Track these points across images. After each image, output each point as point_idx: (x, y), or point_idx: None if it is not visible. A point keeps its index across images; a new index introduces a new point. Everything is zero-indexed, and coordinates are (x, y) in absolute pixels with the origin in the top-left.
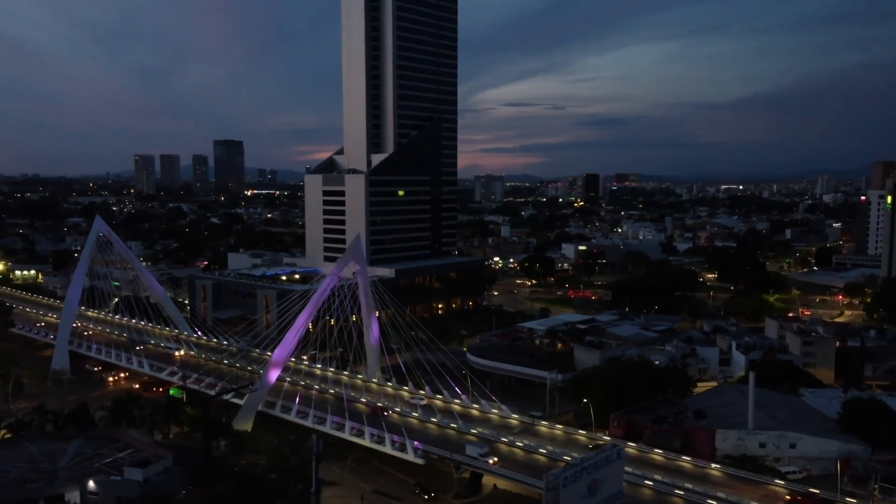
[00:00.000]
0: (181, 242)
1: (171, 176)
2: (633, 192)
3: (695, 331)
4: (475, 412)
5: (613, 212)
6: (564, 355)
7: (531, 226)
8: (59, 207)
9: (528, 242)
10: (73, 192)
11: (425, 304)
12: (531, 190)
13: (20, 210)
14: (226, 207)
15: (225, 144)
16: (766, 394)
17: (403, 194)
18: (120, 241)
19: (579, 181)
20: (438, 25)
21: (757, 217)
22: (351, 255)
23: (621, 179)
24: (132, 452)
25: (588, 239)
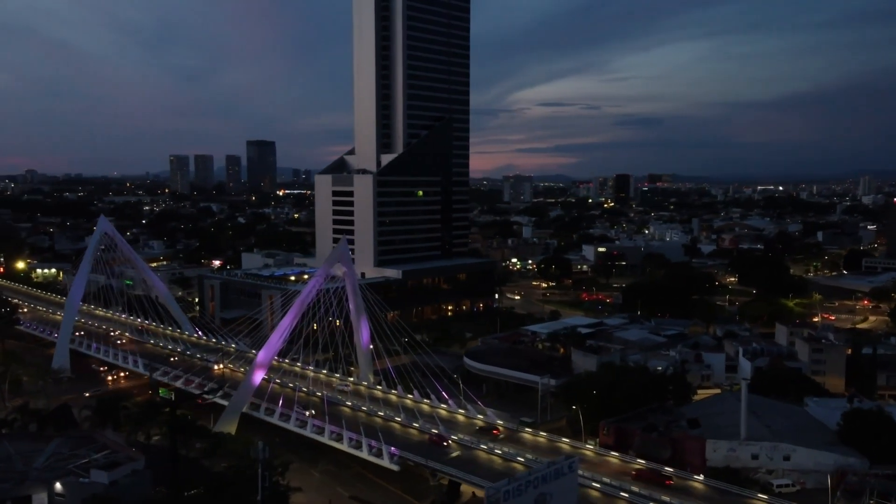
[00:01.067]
0: (203, 242)
1: (205, 176)
2: (665, 193)
3: (706, 336)
4: (460, 417)
5: (643, 213)
6: (564, 360)
7: (556, 227)
8: (91, 207)
9: (548, 244)
10: (109, 191)
11: (434, 305)
12: (563, 190)
13: (55, 209)
14: (255, 207)
15: (257, 145)
16: (766, 403)
17: (423, 195)
18: (124, 241)
19: (610, 182)
20: (450, 24)
21: (791, 219)
22: (336, 256)
23: (653, 180)
24: (108, 454)
25: (612, 240)
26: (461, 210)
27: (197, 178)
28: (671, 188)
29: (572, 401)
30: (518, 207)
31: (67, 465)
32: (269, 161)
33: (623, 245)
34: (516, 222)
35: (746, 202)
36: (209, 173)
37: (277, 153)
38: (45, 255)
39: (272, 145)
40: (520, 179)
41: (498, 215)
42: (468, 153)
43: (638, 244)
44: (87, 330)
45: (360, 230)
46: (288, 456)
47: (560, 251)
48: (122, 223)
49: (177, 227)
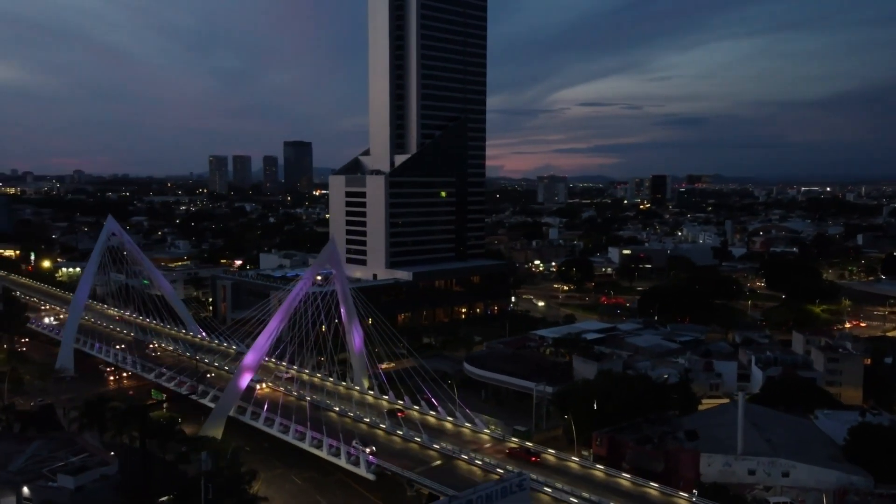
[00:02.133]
0: (228, 241)
1: (242, 176)
2: (704, 194)
3: (723, 343)
4: (448, 425)
5: (679, 214)
6: (567, 366)
7: (586, 228)
8: (130, 207)
9: (574, 245)
10: (150, 191)
11: (446, 308)
12: (600, 191)
13: (95, 209)
14: (290, 207)
15: (294, 145)
16: (770, 415)
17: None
18: (131, 241)
19: (646, 183)
20: (465, 24)
21: (833, 221)
22: (326, 258)
23: (693, 181)
24: (85, 457)
25: (641, 243)
26: (477, 211)
27: (235, 178)
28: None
29: (567, 409)
30: (551, 208)
31: (42, 467)
32: (305, 161)
33: (649, 247)
34: (547, 223)
35: (789, 204)
36: (247, 174)
37: (314, 154)
38: (73, 253)
39: (309, 146)
40: (554, 180)
41: (530, 216)
42: (484, 153)
43: (666, 246)
44: (94, 329)
45: (373, 231)
46: (272, 462)
47: (586, 253)
48: (155, 222)
49: (207, 226)
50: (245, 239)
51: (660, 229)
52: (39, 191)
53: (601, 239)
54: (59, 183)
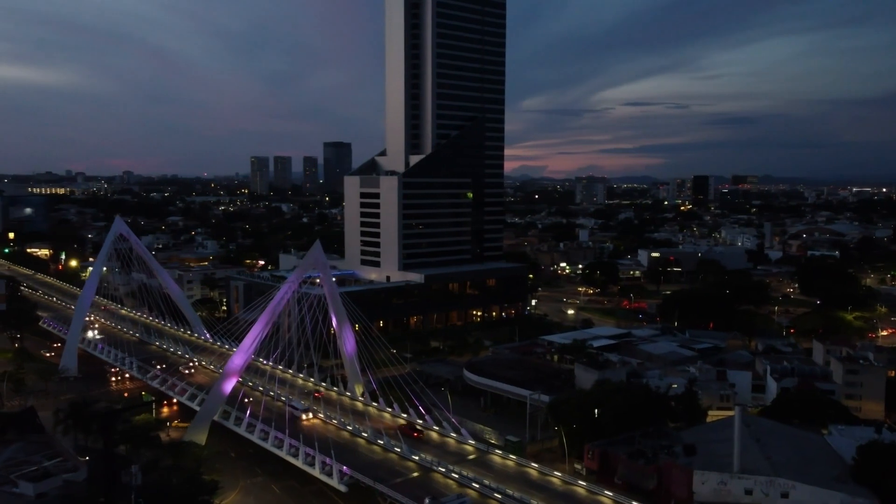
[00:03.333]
0: (256, 241)
1: (283, 177)
2: (748, 196)
3: (743, 351)
4: (434, 435)
5: (720, 216)
6: (570, 374)
7: (620, 230)
8: (170, 207)
9: (602, 247)
10: (193, 192)
11: (460, 311)
12: (642, 192)
13: (136, 209)
14: (327, 208)
15: (334, 146)
16: (777, 429)
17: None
18: (139, 242)
19: (688, 183)
20: (483, 21)
21: (884, 223)
22: (311, 261)
23: (737, 182)
24: (59, 462)
25: (675, 245)
26: (494, 213)
27: (275, 178)
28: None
29: (560, 420)
30: (588, 209)
31: (12, 472)
32: (345, 162)
33: (678, 250)
34: (581, 225)
35: (838, 205)
36: (287, 174)
37: (354, 154)
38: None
39: (348, 146)
40: (592, 180)
41: (566, 217)
42: (503, 154)
43: (699, 249)
44: (102, 329)
45: (386, 232)
46: (254, 469)
47: (615, 255)
48: (189, 222)
49: (239, 226)
50: (274, 239)
51: (697, 231)
52: (88, 191)
53: (634, 241)
54: (108, 183)
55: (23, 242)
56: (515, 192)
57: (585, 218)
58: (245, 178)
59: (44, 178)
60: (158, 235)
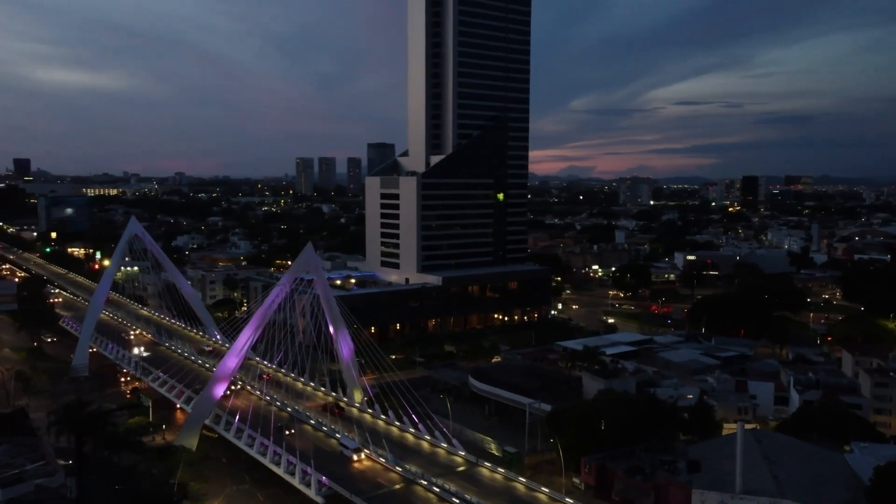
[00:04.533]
0: (289, 242)
1: (327, 178)
2: (800, 196)
3: (772, 360)
4: (425, 444)
5: (770, 217)
6: (579, 382)
7: (660, 232)
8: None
9: (638, 250)
10: (240, 192)
11: (480, 314)
12: (691, 193)
13: (182, 209)
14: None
15: (378, 147)
16: (793, 446)
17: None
18: (153, 243)
19: (738, 184)
20: (507, 19)
21: None
22: (304, 263)
23: (790, 182)
24: (41, 465)
25: (717, 248)
26: (518, 214)
27: (320, 179)
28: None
29: (559, 431)
30: (631, 211)
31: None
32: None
33: (716, 253)
34: (622, 226)
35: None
36: (332, 175)
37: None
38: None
39: (392, 147)
40: (637, 181)
41: (608, 218)
42: (527, 153)
43: (740, 252)
44: (118, 329)
45: (405, 233)
46: (241, 476)
47: (651, 258)
48: (229, 222)
49: (276, 227)
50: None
51: (743, 233)
52: (139, 192)
53: (674, 243)
54: (158, 184)
55: (63, 242)
56: (560, 193)
57: (627, 219)
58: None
59: (101, 179)
60: (194, 235)
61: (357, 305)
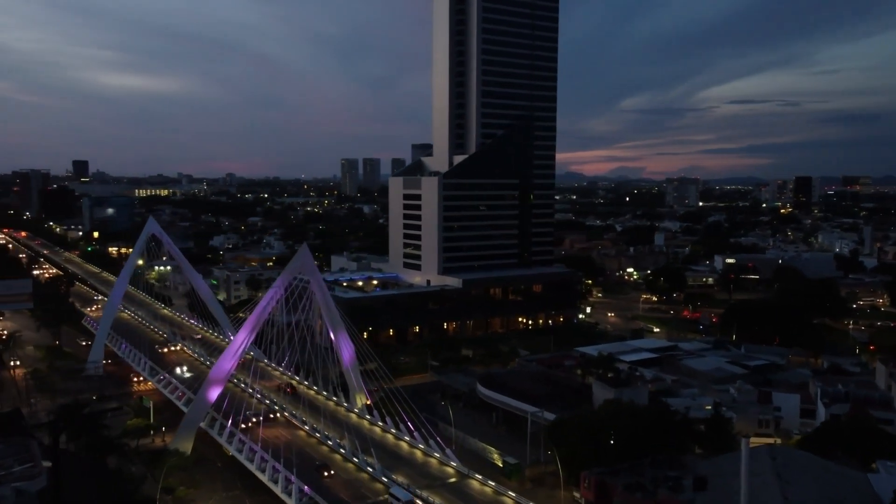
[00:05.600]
0: (324, 242)
1: (372, 178)
2: (858, 198)
3: (803, 369)
4: (419, 454)
5: (823, 219)
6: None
7: (704, 234)
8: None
9: (676, 252)
10: (285, 193)
11: (503, 318)
12: (743, 194)
13: (226, 209)
14: None
15: (421, 148)
16: (813, 463)
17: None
18: (171, 242)
19: (790, 185)
20: (534, 16)
21: None
22: (298, 264)
23: (848, 182)
24: (28, 467)
25: (762, 251)
26: (544, 215)
27: (364, 180)
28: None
29: (560, 442)
30: (678, 212)
31: None
32: None
33: (758, 256)
34: (665, 228)
35: None
36: (376, 176)
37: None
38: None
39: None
40: (685, 182)
41: (652, 220)
42: (554, 153)
43: (786, 255)
44: (136, 328)
45: (427, 235)
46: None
47: (689, 261)
48: (268, 223)
49: (313, 227)
50: (346, 240)
51: (792, 235)
52: (188, 192)
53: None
54: (208, 185)
55: (104, 241)
56: (607, 194)
57: (671, 221)
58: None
59: (154, 180)
60: (230, 235)
61: (374, 307)
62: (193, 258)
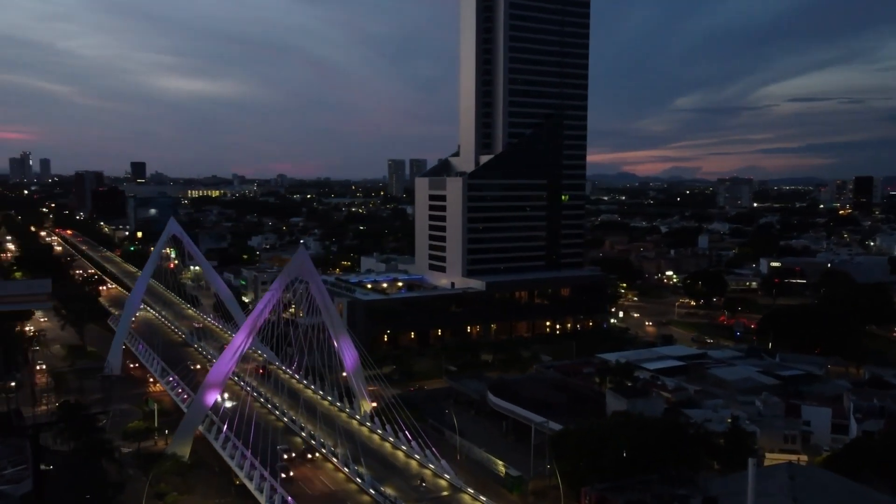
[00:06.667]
0: (361, 243)
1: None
2: None
3: (842, 381)
4: (414, 463)
5: (884, 221)
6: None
7: (753, 236)
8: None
9: (720, 255)
10: (332, 193)
11: (528, 321)
12: (801, 195)
13: (273, 209)
14: None
15: None
16: (836, 485)
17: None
18: (191, 242)
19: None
20: (564, 12)
21: None
22: (296, 267)
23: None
24: (20, 470)
25: (813, 254)
26: (574, 216)
27: (411, 181)
28: None
29: (563, 455)
30: (729, 213)
31: None
32: None
33: (807, 260)
34: (713, 230)
35: None
36: None
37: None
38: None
39: None
40: (737, 182)
41: (701, 221)
42: (585, 153)
43: (833, 258)
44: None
45: (451, 236)
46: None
47: (734, 264)
48: (309, 223)
49: (354, 228)
50: (381, 241)
51: (849, 237)
52: (239, 193)
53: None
54: (259, 186)
55: (147, 241)
56: (658, 195)
57: (721, 222)
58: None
59: (209, 181)
60: (268, 235)
61: (394, 310)
62: (230, 258)
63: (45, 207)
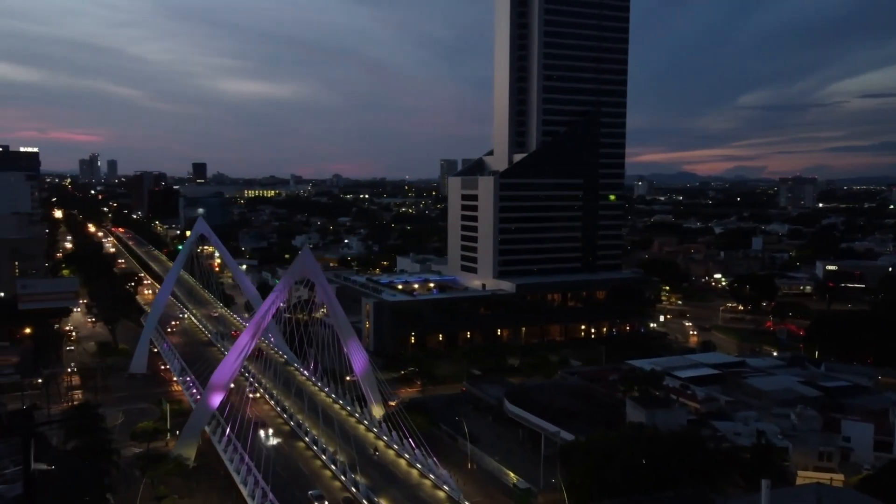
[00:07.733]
0: (404, 242)
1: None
2: None
3: (892, 394)
4: (415, 473)
5: None
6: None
7: (812, 238)
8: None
9: (773, 257)
10: (384, 194)
11: (562, 325)
12: (872, 195)
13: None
14: None
15: None
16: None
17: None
18: (219, 242)
19: None
20: (602, 5)
21: None
22: (300, 268)
23: None
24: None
25: (875, 257)
26: (613, 216)
27: None
28: None
29: (572, 467)
30: (790, 214)
31: None
32: None
33: (867, 263)
34: (772, 231)
35: None
36: None
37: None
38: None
39: None
40: (800, 181)
41: (758, 222)
42: (623, 151)
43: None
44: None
45: (483, 237)
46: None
47: (788, 267)
48: (356, 223)
49: (400, 228)
50: (425, 241)
51: None
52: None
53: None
54: (312, 186)
55: None
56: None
57: (780, 223)
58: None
59: (266, 181)
60: (311, 235)
61: (421, 312)
62: (272, 257)
63: (106, 207)
